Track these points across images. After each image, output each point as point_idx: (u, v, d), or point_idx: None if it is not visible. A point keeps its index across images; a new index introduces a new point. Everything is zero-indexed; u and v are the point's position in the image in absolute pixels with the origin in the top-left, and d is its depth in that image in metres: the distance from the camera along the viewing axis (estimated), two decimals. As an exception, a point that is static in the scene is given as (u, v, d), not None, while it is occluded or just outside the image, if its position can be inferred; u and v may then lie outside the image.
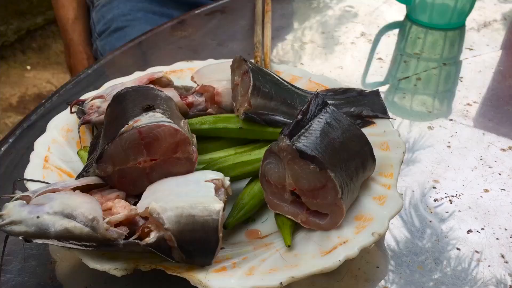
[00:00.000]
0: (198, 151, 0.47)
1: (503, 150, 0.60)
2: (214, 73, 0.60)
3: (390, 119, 0.57)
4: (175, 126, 0.43)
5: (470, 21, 0.92)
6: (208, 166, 0.48)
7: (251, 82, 0.52)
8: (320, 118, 0.46)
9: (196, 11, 0.93)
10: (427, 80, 0.75)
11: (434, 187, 0.55)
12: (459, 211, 0.52)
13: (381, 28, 0.90)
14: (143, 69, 0.62)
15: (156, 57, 0.79)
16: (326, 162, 0.41)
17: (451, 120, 0.66)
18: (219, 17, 0.92)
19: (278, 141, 0.43)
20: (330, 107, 0.48)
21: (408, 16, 0.94)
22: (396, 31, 0.90)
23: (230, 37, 0.85)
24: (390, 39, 0.87)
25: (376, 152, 0.50)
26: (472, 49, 0.83)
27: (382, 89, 0.73)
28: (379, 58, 0.80)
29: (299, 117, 0.45)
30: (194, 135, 0.47)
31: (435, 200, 0.53)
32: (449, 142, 0.62)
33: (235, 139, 0.53)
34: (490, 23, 0.92)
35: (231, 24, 0.89)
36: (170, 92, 0.53)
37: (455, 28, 0.90)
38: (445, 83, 0.75)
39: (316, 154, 0.41)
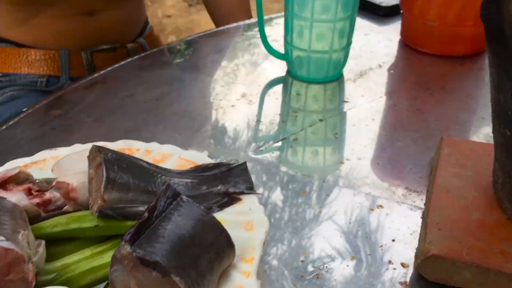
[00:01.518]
0: (51, 257, 0.44)
1: (371, 209, 0.61)
2: (74, 164, 0.57)
3: (257, 194, 0.56)
4: (6, 244, 0.40)
5: (348, 72, 0.95)
6: (57, 276, 0.45)
7: (104, 175, 0.50)
8: (169, 214, 0.44)
9: (74, 85, 0.90)
10: (305, 138, 0.76)
11: (302, 261, 0.54)
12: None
13: (264, 86, 0.91)
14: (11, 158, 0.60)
15: (27, 142, 0.75)
16: (169, 266, 0.40)
17: (324, 182, 0.67)
18: (99, 89, 0.89)
19: (119, 247, 0.41)
20: (183, 198, 0.46)
21: (289, 72, 0.96)
22: (279, 87, 0.92)
23: (109, 111, 0.82)
24: (272, 97, 0.88)
25: (241, 234, 0.49)
26: (347, 101, 0.85)
27: (277, 144, 0.73)
28: (260, 120, 0.80)
29: (145, 215, 0.43)
30: (39, 244, 0.44)
31: (302, 276, 0.53)
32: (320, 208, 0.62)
33: (93, 237, 0.50)
34: (366, 72, 0.95)
35: (111, 96, 0.87)
36: (16, 195, 0.50)
37: (333, 80, 0.93)
38: (324, 139, 0.77)
39: (158, 260, 0.39)
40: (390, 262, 0.54)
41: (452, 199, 0.57)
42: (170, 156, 0.63)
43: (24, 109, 0.83)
